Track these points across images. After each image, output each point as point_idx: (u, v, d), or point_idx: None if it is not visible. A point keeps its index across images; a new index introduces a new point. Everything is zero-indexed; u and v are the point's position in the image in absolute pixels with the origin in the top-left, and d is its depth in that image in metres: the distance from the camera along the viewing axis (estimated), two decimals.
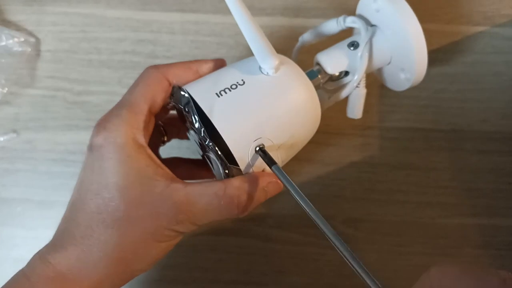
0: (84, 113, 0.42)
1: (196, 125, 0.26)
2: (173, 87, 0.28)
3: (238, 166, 0.27)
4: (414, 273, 0.41)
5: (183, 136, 0.35)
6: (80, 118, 0.42)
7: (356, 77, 0.32)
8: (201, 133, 0.26)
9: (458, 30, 0.42)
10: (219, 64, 0.30)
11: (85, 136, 0.42)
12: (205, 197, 0.26)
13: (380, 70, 0.36)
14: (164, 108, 0.30)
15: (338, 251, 0.23)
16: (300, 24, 0.43)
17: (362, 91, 0.33)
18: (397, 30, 0.32)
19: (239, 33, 0.45)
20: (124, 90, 0.42)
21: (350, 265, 0.23)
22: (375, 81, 0.42)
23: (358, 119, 0.39)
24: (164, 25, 0.43)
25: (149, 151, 0.26)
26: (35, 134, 0.42)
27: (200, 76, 0.29)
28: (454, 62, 0.42)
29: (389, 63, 0.34)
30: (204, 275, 0.40)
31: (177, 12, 0.43)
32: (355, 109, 0.34)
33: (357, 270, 0.23)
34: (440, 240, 0.40)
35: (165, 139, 0.33)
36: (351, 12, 0.35)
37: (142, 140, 0.25)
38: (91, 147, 0.26)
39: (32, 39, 0.43)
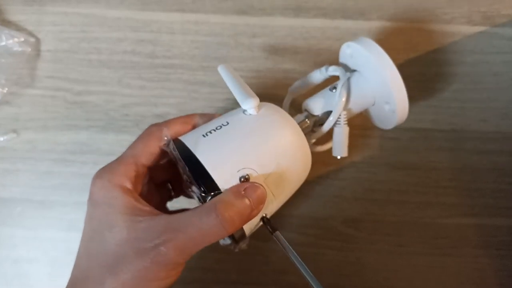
0: (84, 113, 0.42)
1: (180, 162, 0.28)
2: (167, 139, 0.30)
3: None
4: (414, 273, 0.41)
5: (189, 193, 0.35)
6: (80, 118, 0.42)
7: (333, 113, 0.33)
8: (185, 168, 0.27)
9: (458, 30, 0.42)
10: (214, 117, 0.32)
11: (85, 136, 0.43)
12: (186, 220, 0.26)
13: (369, 111, 0.38)
14: (169, 165, 0.32)
15: None
16: (300, 24, 0.43)
17: (344, 129, 0.34)
18: (371, 69, 0.34)
19: (239, 33, 0.45)
20: (124, 90, 0.43)
21: None
22: None
23: (358, 119, 0.39)
24: (164, 25, 0.43)
25: (136, 194, 0.28)
26: (35, 134, 0.42)
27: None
28: (454, 62, 0.42)
29: (374, 103, 0.36)
30: (204, 275, 0.40)
31: (177, 12, 0.43)
32: (339, 146, 0.34)
33: None
34: (440, 240, 0.40)
35: (173, 194, 0.35)
36: (349, 10, 0.35)
37: (129, 186, 0.28)
38: (89, 196, 0.28)
39: (32, 39, 0.43)
